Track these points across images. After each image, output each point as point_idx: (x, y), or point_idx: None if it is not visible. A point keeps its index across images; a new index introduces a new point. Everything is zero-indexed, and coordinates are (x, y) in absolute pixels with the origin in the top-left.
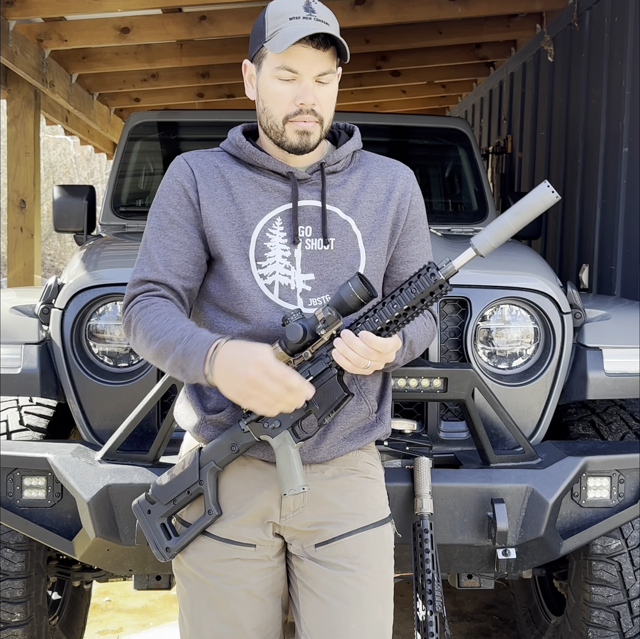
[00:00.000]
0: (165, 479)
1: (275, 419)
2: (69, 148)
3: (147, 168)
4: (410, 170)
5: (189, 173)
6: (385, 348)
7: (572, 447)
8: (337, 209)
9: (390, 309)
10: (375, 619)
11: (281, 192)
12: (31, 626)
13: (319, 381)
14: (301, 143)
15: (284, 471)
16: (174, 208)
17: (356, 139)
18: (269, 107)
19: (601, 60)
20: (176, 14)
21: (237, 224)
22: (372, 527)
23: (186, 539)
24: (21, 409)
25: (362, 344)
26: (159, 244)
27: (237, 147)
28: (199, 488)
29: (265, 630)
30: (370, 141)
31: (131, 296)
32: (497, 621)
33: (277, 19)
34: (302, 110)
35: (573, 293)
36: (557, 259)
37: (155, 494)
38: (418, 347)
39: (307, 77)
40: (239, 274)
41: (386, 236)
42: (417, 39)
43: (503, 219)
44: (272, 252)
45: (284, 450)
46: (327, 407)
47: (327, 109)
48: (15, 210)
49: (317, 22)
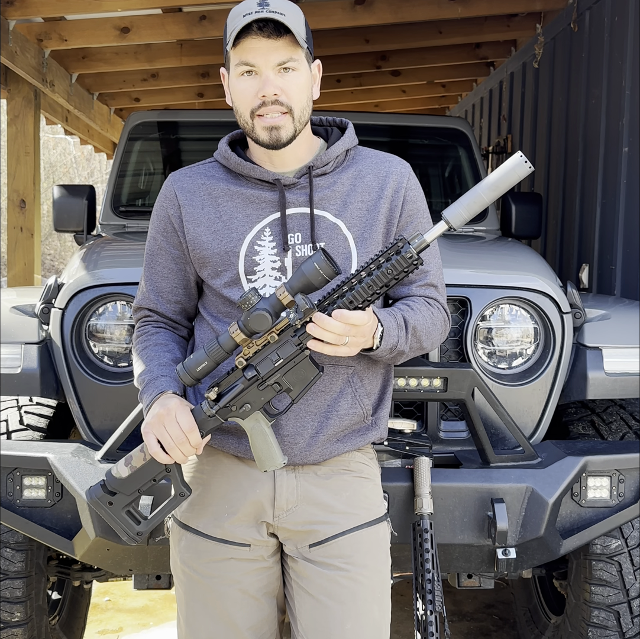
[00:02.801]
0: (125, 472)
1: (246, 402)
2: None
3: (147, 168)
4: (407, 164)
5: (172, 198)
6: (362, 320)
7: (572, 447)
8: (326, 212)
9: (365, 289)
10: (371, 619)
11: (268, 202)
12: (31, 626)
13: (291, 363)
14: (271, 139)
15: (262, 450)
16: (161, 234)
17: (347, 137)
18: (237, 105)
19: (601, 60)
20: (176, 13)
21: (225, 241)
22: (367, 526)
23: (157, 521)
24: (21, 409)
25: (337, 323)
26: (150, 270)
27: (225, 158)
28: (166, 475)
29: (261, 630)
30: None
31: (135, 321)
32: (497, 621)
33: (233, 20)
34: (265, 102)
35: (573, 293)
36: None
37: (116, 486)
38: (425, 336)
39: (265, 69)
40: (230, 290)
41: (379, 235)
42: (417, 39)
43: (476, 191)
44: (261, 266)
45: (259, 430)
46: (302, 386)
47: (296, 98)
48: (15, 210)
49: (269, 14)
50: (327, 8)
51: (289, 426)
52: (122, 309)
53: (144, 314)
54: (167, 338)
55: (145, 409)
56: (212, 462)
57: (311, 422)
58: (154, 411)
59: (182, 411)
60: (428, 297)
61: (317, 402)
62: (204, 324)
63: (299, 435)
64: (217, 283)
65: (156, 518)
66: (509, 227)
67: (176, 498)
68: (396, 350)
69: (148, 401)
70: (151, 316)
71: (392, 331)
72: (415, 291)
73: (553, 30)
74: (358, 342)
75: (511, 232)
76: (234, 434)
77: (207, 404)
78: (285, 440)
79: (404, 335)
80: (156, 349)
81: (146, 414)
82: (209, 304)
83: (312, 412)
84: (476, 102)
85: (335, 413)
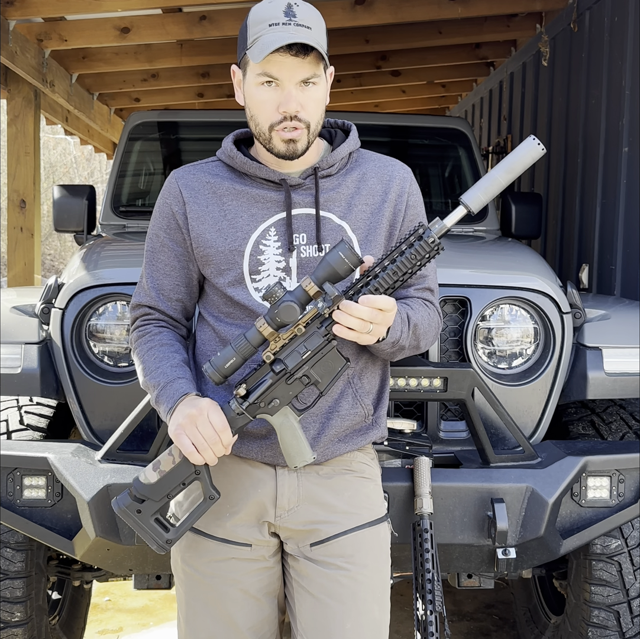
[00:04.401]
0: (153, 477)
1: (274, 397)
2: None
3: (147, 168)
4: (408, 169)
5: (177, 195)
6: (389, 304)
7: (572, 447)
8: (332, 214)
9: (390, 276)
10: (371, 618)
11: (274, 202)
12: (31, 626)
13: (319, 355)
14: (288, 151)
15: (291, 445)
16: (164, 231)
17: (352, 139)
18: (255, 114)
19: (601, 60)
20: (176, 13)
21: (230, 239)
22: (368, 526)
23: (187, 527)
24: (21, 409)
25: (365, 308)
26: (151, 268)
27: (230, 157)
28: (196, 478)
29: (261, 630)
30: (370, 141)
31: (133, 319)
32: (497, 621)
33: (258, 26)
34: (285, 118)
35: (573, 293)
36: (557, 259)
37: (145, 493)
38: (423, 336)
39: (288, 84)
40: (234, 290)
41: (382, 238)
42: (417, 39)
43: (493, 175)
44: (266, 266)
45: (288, 425)
46: (330, 378)
47: (314, 113)
48: (15, 210)
49: (297, 28)
50: (327, 8)
51: None
52: (122, 309)
53: (144, 311)
54: (172, 338)
55: (167, 413)
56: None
57: (313, 424)
58: (184, 411)
59: (215, 410)
60: (425, 299)
61: (319, 404)
62: (204, 325)
63: None
64: (221, 282)
65: (186, 523)
66: (509, 227)
67: (206, 501)
68: (398, 345)
69: (171, 405)
70: (151, 314)
71: (397, 325)
72: (414, 294)
73: (553, 31)
74: (380, 331)
75: (511, 232)
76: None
77: (235, 401)
78: None
79: (407, 331)
80: (163, 349)
81: (169, 417)
82: (210, 304)
83: (314, 414)
84: (476, 102)
85: (336, 414)
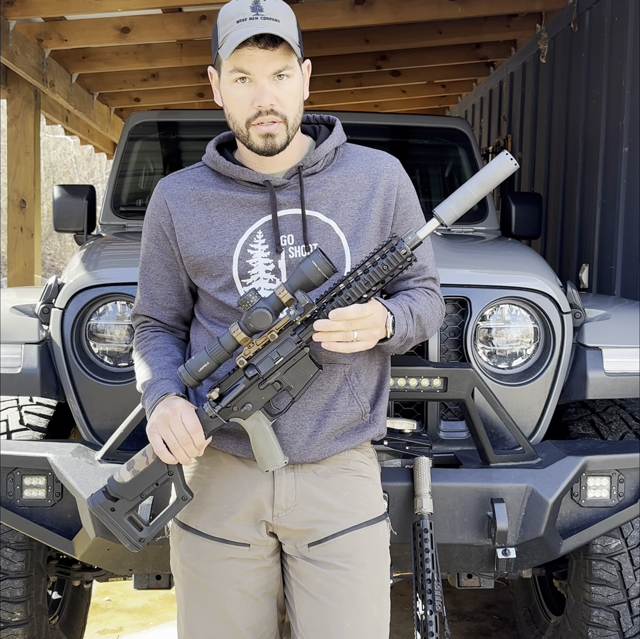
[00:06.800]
0: (127, 476)
1: (247, 401)
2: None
3: (147, 168)
4: (397, 161)
5: (162, 206)
6: (358, 312)
7: (572, 447)
8: (318, 213)
9: (362, 285)
10: (370, 618)
11: (260, 205)
12: (31, 626)
13: (291, 361)
14: (267, 146)
15: (263, 450)
16: (154, 242)
17: (336, 134)
18: (231, 112)
19: (601, 60)
20: (176, 13)
21: (218, 246)
22: (366, 525)
23: (159, 526)
24: (21, 409)
25: (338, 323)
26: (144, 278)
27: (213, 162)
28: (169, 478)
29: (260, 630)
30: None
31: (134, 327)
32: (497, 621)
33: (226, 24)
34: (261, 112)
35: (573, 293)
36: (557, 259)
37: (119, 492)
38: (428, 325)
39: (261, 78)
40: (225, 295)
41: (372, 234)
42: (417, 39)
43: (466, 188)
44: (254, 270)
45: (260, 430)
46: (302, 385)
47: (290, 107)
48: (15, 210)
49: (264, 21)
50: (327, 8)
51: (287, 425)
52: (122, 309)
53: (142, 320)
54: (166, 341)
55: (148, 411)
56: (211, 462)
57: (309, 421)
58: (159, 411)
59: (188, 411)
60: (427, 287)
61: (315, 401)
62: (199, 328)
63: (298, 434)
64: (212, 288)
65: (158, 523)
66: (509, 227)
67: (178, 501)
68: (406, 338)
69: (151, 404)
70: (148, 321)
71: (401, 319)
72: (414, 285)
73: (553, 31)
74: (372, 334)
75: (511, 232)
76: (233, 434)
77: (209, 404)
78: (283, 439)
79: (412, 323)
80: (155, 353)
81: (149, 416)
82: (204, 309)
83: (310, 411)
84: (476, 102)
85: (333, 411)
